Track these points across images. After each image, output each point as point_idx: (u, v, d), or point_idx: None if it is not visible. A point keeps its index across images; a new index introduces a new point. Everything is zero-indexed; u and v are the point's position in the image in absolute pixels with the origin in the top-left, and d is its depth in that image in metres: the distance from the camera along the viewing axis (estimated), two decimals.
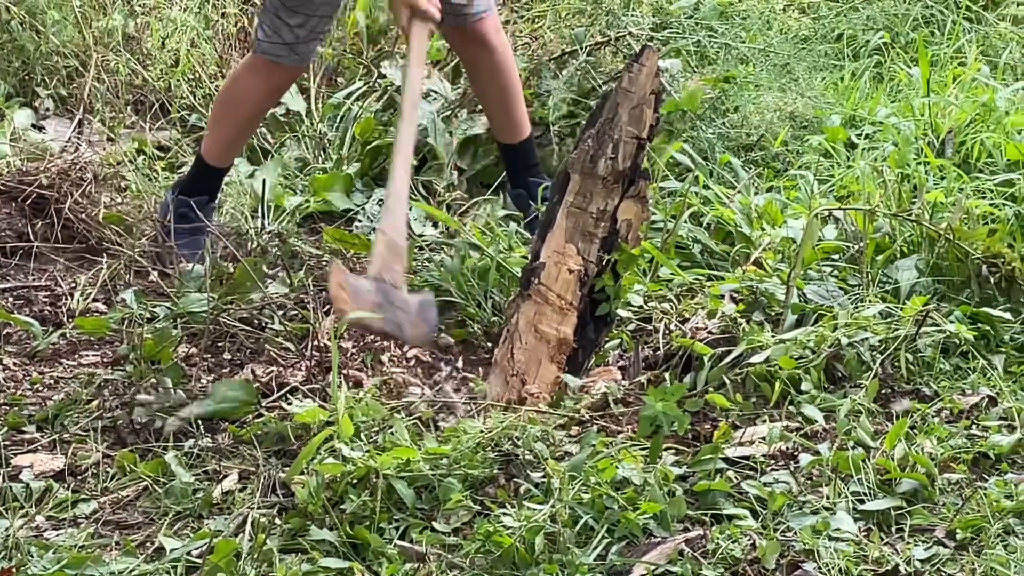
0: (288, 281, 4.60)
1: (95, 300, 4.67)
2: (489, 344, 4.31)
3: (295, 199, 5.25)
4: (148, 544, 3.52)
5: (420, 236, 4.97)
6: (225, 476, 3.72)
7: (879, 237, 4.60)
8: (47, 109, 5.98)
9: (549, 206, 4.10)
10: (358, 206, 5.23)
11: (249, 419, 3.95)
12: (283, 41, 4.76)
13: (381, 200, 5.18)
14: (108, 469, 3.80)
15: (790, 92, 5.62)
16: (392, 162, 4.14)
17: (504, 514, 3.44)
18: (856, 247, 4.56)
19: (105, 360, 4.30)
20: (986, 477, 3.71)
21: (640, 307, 4.43)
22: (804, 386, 3.95)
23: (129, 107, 5.96)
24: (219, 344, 4.33)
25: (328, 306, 4.43)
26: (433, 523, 3.49)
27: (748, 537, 3.43)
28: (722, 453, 3.69)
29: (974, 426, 3.89)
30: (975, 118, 5.29)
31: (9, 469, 3.79)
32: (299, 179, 5.46)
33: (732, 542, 3.41)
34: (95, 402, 4.03)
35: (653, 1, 6.10)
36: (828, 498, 3.57)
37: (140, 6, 6.29)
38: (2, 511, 3.62)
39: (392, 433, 3.66)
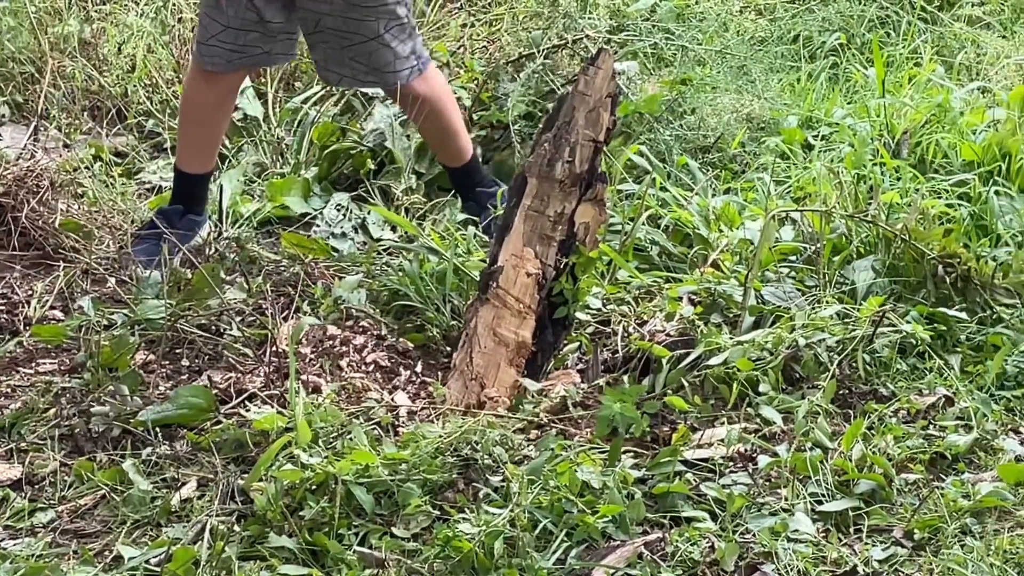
0: (246, 287, 4.59)
1: (52, 307, 4.65)
2: (448, 348, 4.30)
3: (253, 204, 5.23)
4: (106, 553, 3.50)
5: (378, 241, 4.97)
6: (183, 484, 3.71)
7: (836, 238, 4.62)
8: (2, 116, 5.95)
9: (507, 210, 4.10)
10: (316, 210, 5.22)
11: (207, 426, 3.93)
12: (213, 46, 4.83)
13: (339, 205, 5.19)
14: (66, 478, 3.78)
15: (747, 94, 5.63)
16: None
17: (463, 519, 3.45)
18: (813, 248, 4.57)
19: (62, 368, 4.29)
20: (943, 477, 3.72)
21: (599, 310, 4.44)
22: (762, 388, 3.96)
23: (85, 113, 5.94)
24: (177, 351, 4.31)
25: (286, 312, 4.43)
26: (392, 529, 3.49)
27: (707, 539, 3.44)
28: (681, 455, 3.69)
29: (931, 426, 3.91)
30: (930, 119, 5.31)
31: None
32: (257, 184, 5.44)
33: (691, 544, 3.42)
34: (52, 410, 4.01)
35: (610, 4, 6.11)
36: (786, 499, 3.58)
37: (96, 12, 6.27)
38: None
39: (351, 439, 3.65)
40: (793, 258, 4.62)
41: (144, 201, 5.31)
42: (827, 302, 4.30)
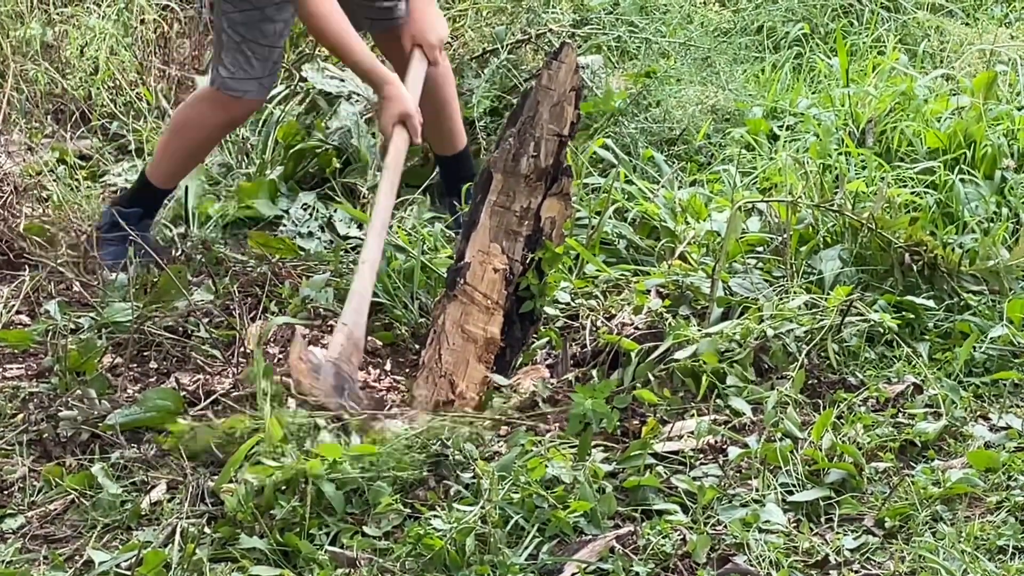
0: (213, 288, 4.58)
1: (18, 312, 4.63)
2: (416, 346, 4.30)
3: (219, 205, 5.21)
4: (76, 558, 3.49)
5: (345, 239, 4.96)
6: (153, 486, 3.70)
7: (802, 228, 4.62)
8: None
9: (472, 205, 4.10)
10: (283, 211, 5.20)
11: (176, 428, 3.92)
12: (250, 76, 4.76)
13: (305, 204, 5.17)
14: (34, 483, 3.76)
15: (711, 85, 5.64)
16: (359, 267, 4.15)
17: (434, 516, 3.44)
18: (780, 239, 4.58)
19: (29, 373, 4.27)
20: (913, 465, 3.73)
21: (567, 304, 4.43)
22: (731, 379, 3.97)
23: (49, 116, 5.91)
24: (145, 353, 4.30)
25: (254, 312, 4.42)
26: (363, 527, 3.48)
27: (678, 532, 3.44)
28: (651, 449, 3.70)
29: (900, 414, 3.92)
30: (895, 107, 5.33)
31: None
32: (223, 184, 5.43)
33: (663, 537, 3.42)
34: (20, 415, 3.99)
35: None
36: (757, 490, 3.59)
37: (58, 15, 6.24)
38: None
39: (319, 441, 3.65)
40: (760, 249, 4.63)
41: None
42: (795, 292, 4.31)
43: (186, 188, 5.12)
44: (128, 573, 3.37)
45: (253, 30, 4.72)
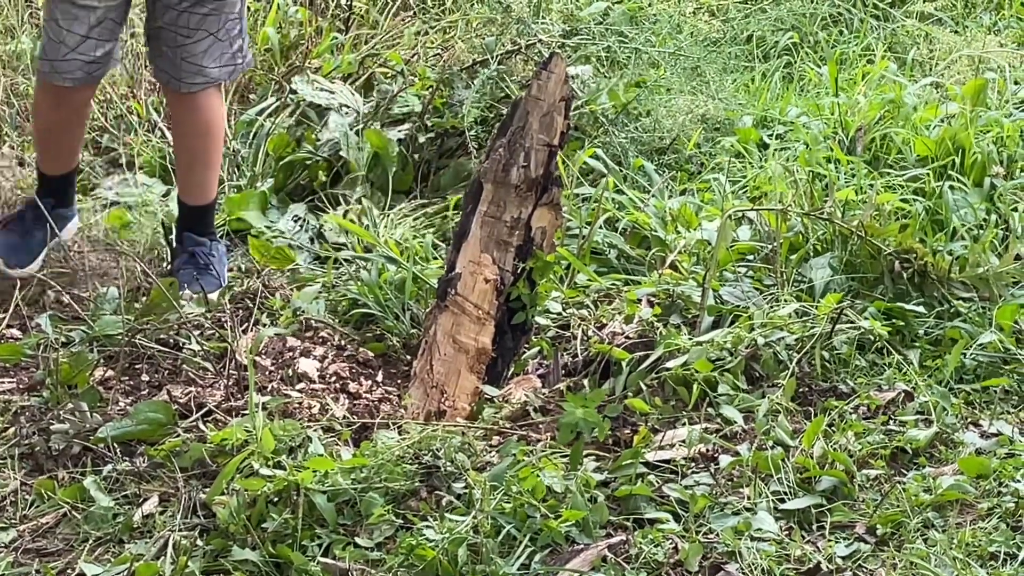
0: (204, 300, 4.58)
1: (9, 326, 4.63)
2: (408, 357, 4.30)
3: None
4: (69, 571, 3.48)
5: (338, 250, 4.96)
6: (145, 499, 3.70)
7: (792, 236, 4.63)
8: None
9: (463, 216, 4.10)
10: (273, 223, 5.21)
11: (167, 441, 3.92)
12: (52, 53, 4.67)
13: (297, 216, 5.18)
14: (26, 496, 3.76)
15: (701, 95, 5.65)
16: None
17: (426, 527, 3.44)
18: (770, 247, 4.59)
19: (21, 386, 4.26)
20: (904, 472, 3.74)
21: (558, 314, 4.44)
22: (722, 387, 3.97)
23: None
24: (136, 366, 4.30)
25: (245, 324, 4.42)
26: (356, 539, 3.48)
27: (670, 540, 3.45)
28: (642, 457, 3.70)
29: (891, 421, 3.92)
30: (884, 115, 5.34)
31: None
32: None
33: (655, 546, 3.42)
34: (11, 429, 3.99)
35: (563, 8, 6.12)
36: (749, 498, 3.59)
37: None
38: None
39: (308, 453, 3.65)
40: (750, 257, 4.63)
41: (99, 216, 5.29)
42: (785, 300, 4.31)
43: (177, 199, 5.12)
44: None
45: None
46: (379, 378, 4.25)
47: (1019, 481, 3.62)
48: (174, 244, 4.92)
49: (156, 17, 4.71)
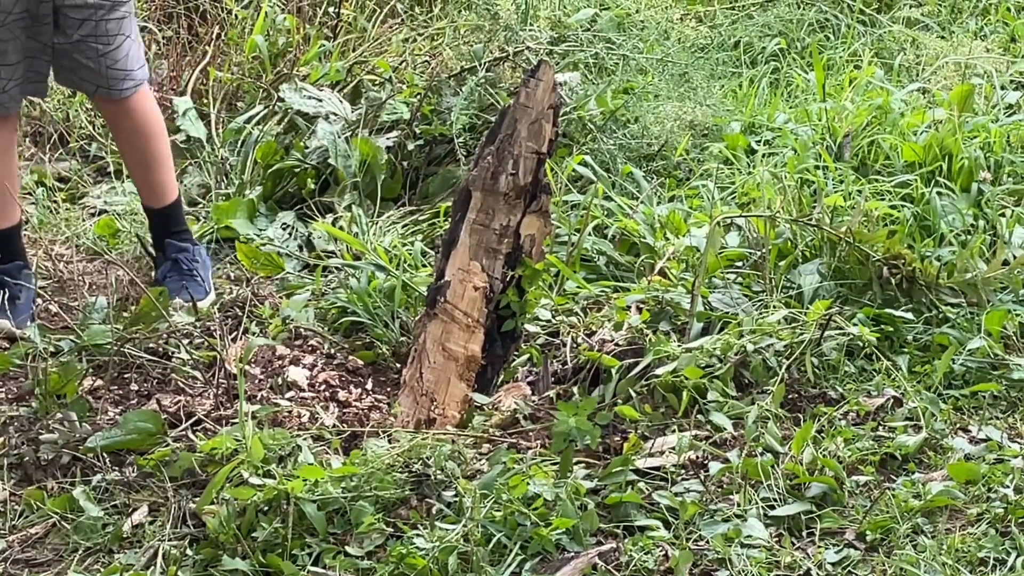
0: (194, 310, 4.57)
1: None
2: (398, 365, 4.30)
3: (197, 226, 5.22)
4: None
5: (328, 257, 4.96)
6: (135, 509, 3.69)
7: (781, 242, 4.63)
8: None
9: (452, 224, 4.10)
10: (262, 231, 5.21)
11: (157, 450, 3.92)
12: None
13: (285, 224, 5.18)
14: (15, 507, 3.76)
15: (689, 101, 5.65)
16: None
17: (417, 535, 3.44)
18: (759, 253, 4.59)
19: (9, 396, 4.26)
20: (894, 478, 3.74)
21: (548, 321, 4.44)
22: (712, 394, 3.97)
23: (27, 139, 5.91)
24: (125, 375, 4.29)
25: (235, 333, 4.42)
26: (346, 547, 3.48)
27: (661, 548, 3.45)
28: (632, 465, 3.70)
29: (880, 427, 3.93)
30: (871, 121, 5.34)
31: None
32: (202, 206, 5.43)
33: (645, 554, 3.42)
34: (0, 439, 3.99)
35: (550, 15, 6.12)
36: (739, 505, 3.59)
37: None
38: None
39: (298, 462, 3.65)
40: (739, 264, 4.64)
41: (90, 224, 5.29)
42: (774, 307, 4.32)
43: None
44: None
45: None
46: (369, 386, 4.25)
47: (1008, 486, 3.63)
48: (154, 253, 4.90)
49: (68, 32, 4.63)
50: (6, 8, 4.52)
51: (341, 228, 4.98)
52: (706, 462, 3.76)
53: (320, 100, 5.66)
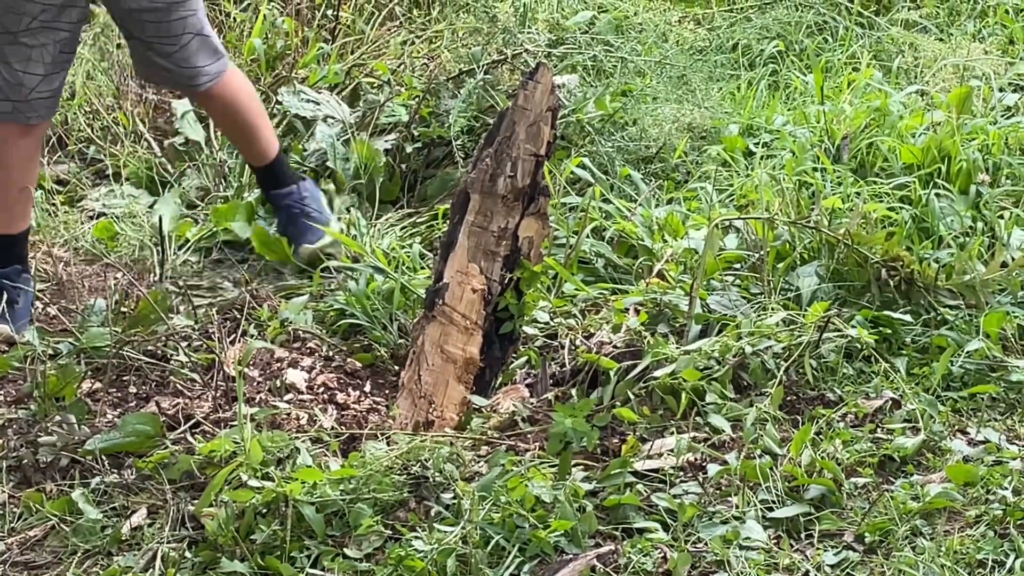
0: (193, 313, 4.58)
1: None
2: (396, 367, 4.30)
3: (196, 228, 5.22)
4: None
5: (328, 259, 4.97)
6: (133, 512, 3.69)
7: (779, 245, 4.64)
8: None
9: (450, 226, 4.10)
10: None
11: (155, 453, 3.92)
12: (26, 101, 4.60)
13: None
14: (14, 509, 3.76)
15: (687, 103, 5.65)
16: None
17: (415, 538, 3.44)
18: (757, 256, 4.59)
19: (8, 399, 4.26)
20: (892, 480, 3.74)
21: (546, 324, 4.44)
22: (710, 396, 3.97)
23: None
24: (124, 378, 4.29)
25: (233, 335, 4.42)
26: (344, 550, 3.48)
27: (659, 550, 3.45)
28: (631, 467, 3.70)
29: (879, 429, 3.93)
30: (870, 123, 5.35)
31: None
32: (201, 208, 5.43)
33: (644, 556, 3.42)
34: None
35: (548, 18, 6.13)
36: (737, 507, 3.59)
37: None
38: None
39: (297, 464, 3.65)
40: (738, 266, 4.64)
41: (88, 227, 5.29)
42: (772, 309, 4.32)
43: (159, 217, 5.12)
44: None
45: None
46: (367, 388, 4.25)
47: (1006, 488, 3.63)
48: (265, 204, 5.12)
49: (134, 32, 4.70)
50: (32, 13, 4.53)
51: (340, 231, 4.98)
52: (704, 464, 3.77)
53: (318, 103, 5.66)
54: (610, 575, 3.38)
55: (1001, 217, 4.84)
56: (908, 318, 4.30)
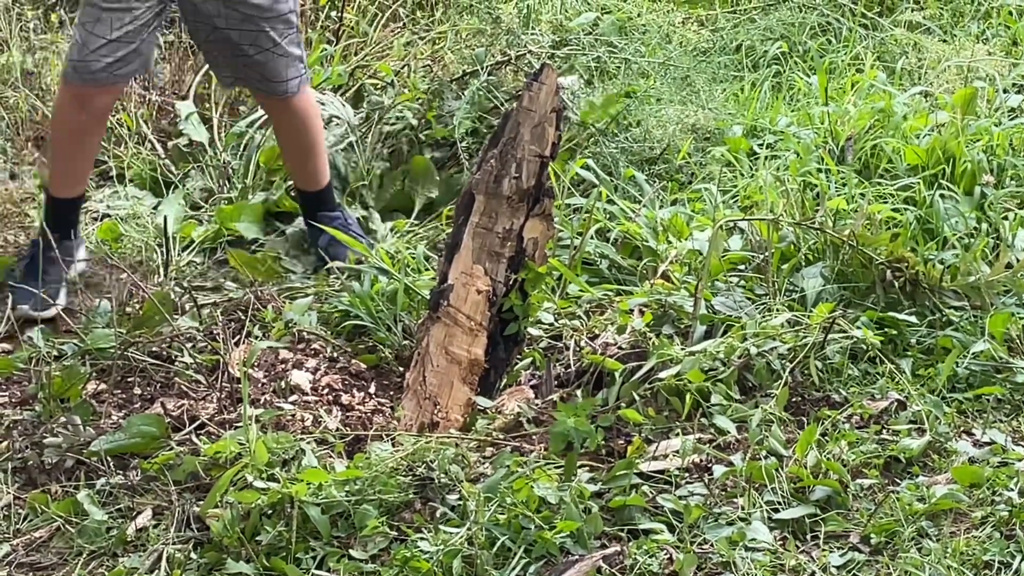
0: (197, 314, 4.57)
1: (1, 339, 4.62)
2: (401, 368, 4.30)
3: (201, 229, 5.22)
4: None
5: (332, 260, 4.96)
6: (139, 513, 3.69)
7: (784, 246, 4.64)
8: None
9: (455, 228, 4.10)
10: (266, 236, 5.21)
11: (160, 454, 3.92)
12: (84, 61, 4.70)
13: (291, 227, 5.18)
14: (20, 511, 3.76)
15: (691, 104, 5.65)
16: None
17: (421, 539, 3.44)
18: (761, 257, 4.59)
19: (13, 400, 4.26)
20: (898, 481, 3.74)
21: (550, 325, 4.44)
22: (715, 397, 3.97)
23: (30, 143, 5.91)
24: (129, 379, 4.29)
25: (238, 337, 4.42)
26: (350, 551, 3.48)
27: (665, 551, 3.45)
28: (636, 468, 3.70)
29: (884, 430, 3.92)
30: (874, 124, 5.35)
31: None
32: (205, 209, 5.43)
33: (649, 557, 3.42)
34: (4, 443, 3.99)
35: (552, 19, 6.13)
36: (743, 508, 3.59)
37: (38, 41, 6.24)
38: None
39: (302, 465, 3.65)
40: (742, 267, 4.64)
41: (92, 228, 5.29)
42: (777, 310, 4.32)
43: (164, 217, 5.12)
44: None
45: None
46: (372, 390, 4.25)
47: (1012, 489, 3.63)
48: (303, 233, 5.14)
49: (227, 34, 4.79)
50: None
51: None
52: (710, 465, 3.76)
53: (323, 104, 5.66)
54: None
55: (1005, 218, 4.84)
56: (913, 319, 4.30)
